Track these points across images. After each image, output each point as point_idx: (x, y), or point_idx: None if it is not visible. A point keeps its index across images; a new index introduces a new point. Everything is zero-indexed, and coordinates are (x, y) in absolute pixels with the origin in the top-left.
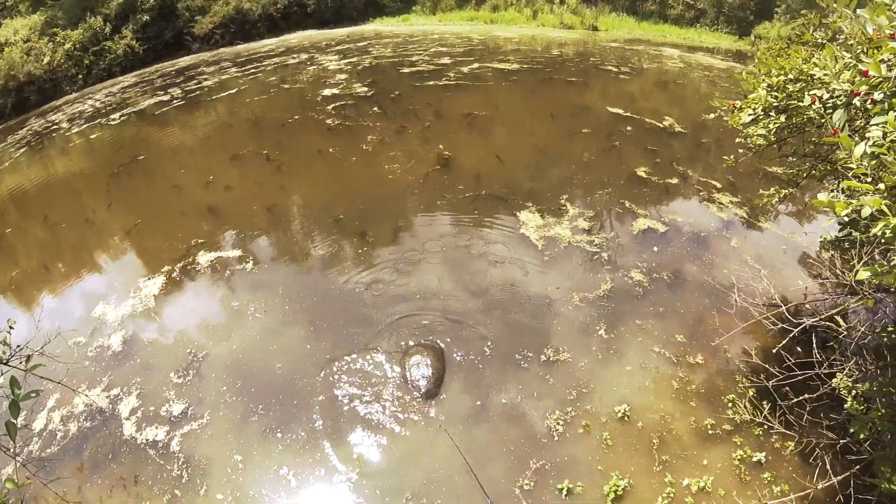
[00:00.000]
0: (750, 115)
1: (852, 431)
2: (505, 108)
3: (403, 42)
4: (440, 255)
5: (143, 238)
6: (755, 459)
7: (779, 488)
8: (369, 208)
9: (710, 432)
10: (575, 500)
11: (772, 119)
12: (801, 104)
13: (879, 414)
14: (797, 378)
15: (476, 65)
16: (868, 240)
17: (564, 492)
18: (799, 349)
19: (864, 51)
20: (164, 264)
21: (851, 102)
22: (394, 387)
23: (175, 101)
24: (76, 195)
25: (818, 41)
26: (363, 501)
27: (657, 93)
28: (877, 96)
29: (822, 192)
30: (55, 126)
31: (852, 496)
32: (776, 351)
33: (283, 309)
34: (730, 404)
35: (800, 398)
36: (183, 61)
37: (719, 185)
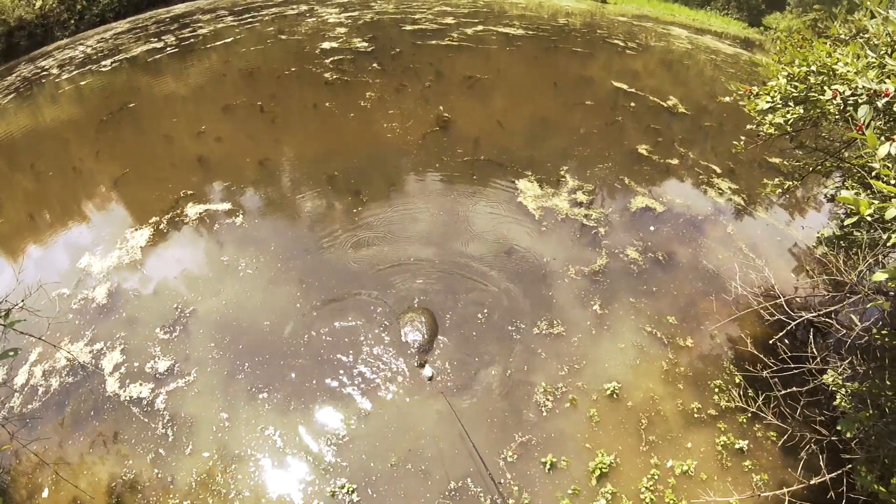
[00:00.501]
0: (768, 103)
1: (840, 429)
2: (507, 74)
3: None
4: (435, 220)
5: (131, 188)
6: (738, 447)
7: (758, 477)
8: (364, 166)
9: (696, 416)
10: (559, 475)
11: (790, 109)
12: (822, 97)
13: (867, 415)
14: (791, 371)
15: (480, 27)
16: (873, 241)
17: (548, 466)
18: (787, 342)
19: (889, 52)
20: (152, 215)
21: (873, 102)
22: (385, 349)
23: (168, 49)
24: (64, 143)
25: (841, 36)
26: (349, 464)
27: (662, 71)
28: None
29: (821, 187)
30: (45, 72)
31: (844, 494)
32: (772, 342)
33: (273, 266)
34: (717, 390)
35: (792, 390)
36: (178, 8)
37: (719, 171)
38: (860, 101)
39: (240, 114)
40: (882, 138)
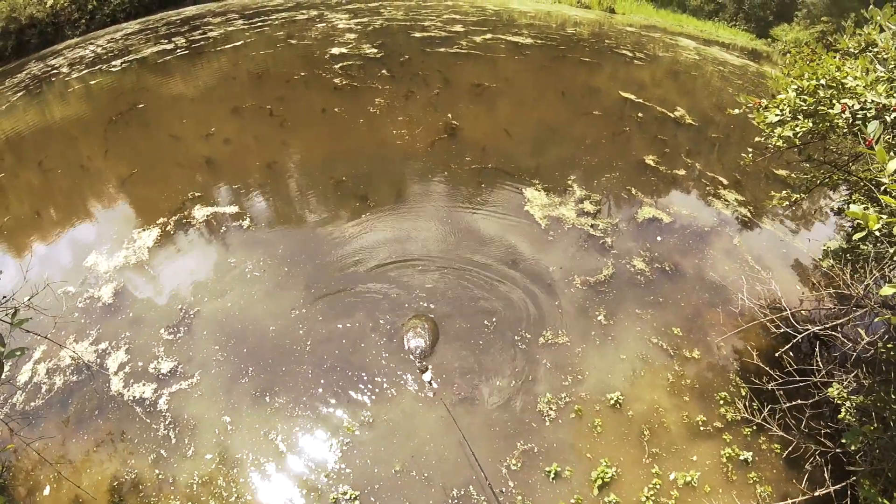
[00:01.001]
0: (777, 116)
1: (844, 442)
2: (515, 82)
3: (416, 6)
4: (442, 227)
5: (139, 188)
6: (742, 458)
7: (762, 489)
8: (372, 172)
9: (701, 428)
10: (561, 484)
11: (799, 122)
12: (831, 111)
13: (872, 428)
14: (797, 384)
15: (489, 35)
16: (880, 255)
17: (552, 475)
18: (793, 354)
19: None
20: (160, 216)
21: (882, 116)
22: (388, 356)
23: (178, 51)
24: (73, 142)
25: (850, 50)
26: (352, 470)
27: (670, 82)
28: None
29: (828, 200)
30: (55, 70)
31: None
32: (778, 354)
33: (279, 270)
34: (722, 402)
35: (797, 403)
36: (189, 10)
37: (726, 182)
38: (869, 116)
39: (248, 117)
40: (891, 153)
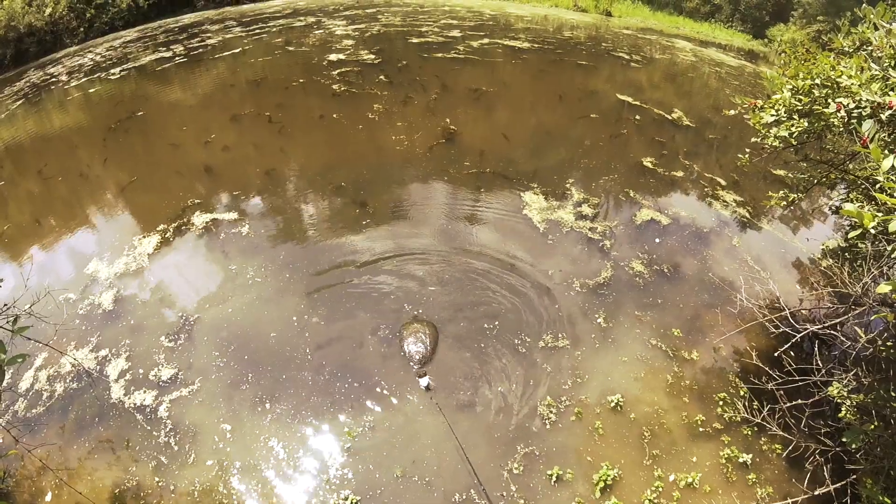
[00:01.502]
0: (773, 116)
1: (845, 441)
2: (513, 87)
3: (413, 11)
4: (441, 232)
5: (139, 195)
6: (742, 460)
7: (763, 490)
8: (371, 178)
9: (701, 429)
10: (563, 487)
11: (794, 122)
12: (826, 110)
13: (873, 426)
14: (796, 383)
15: (486, 40)
16: (877, 253)
17: (553, 478)
18: (792, 354)
19: (893, 65)
20: (159, 223)
21: (877, 115)
22: (389, 362)
23: (177, 59)
24: (72, 150)
25: (845, 49)
26: (353, 476)
27: (667, 84)
28: None
29: (826, 199)
30: (54, 79)
31: None
32: (777, 354)
33: (279, 276)
34: (721, 402)
35: (797, 402)
36: (187, 18)
37: (724, 183)
38: (864, 114)
39: (247, 124)
40: (886, 151)
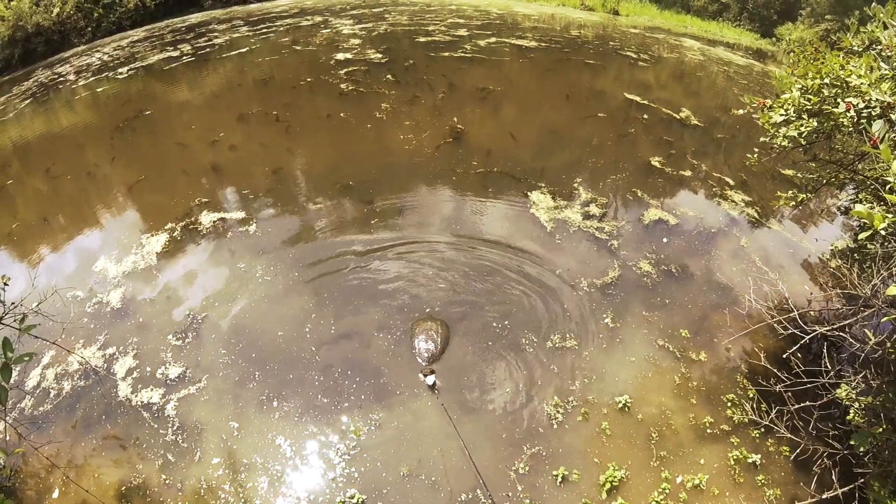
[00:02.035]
0: (782, 116)
1: (853, 443)
2: (520, 86)
3: (420, 10)
4: (448, 231)
5: (146, 194)
6: (750, 461)
7: (771, 492)
8: (379, 177)
9: (708, 431)
10: (570, 488)
11: (803, 122)
12: (836, 110)
13: (881, 430)
14: (805, 385)
15: (493, 39)
16: (887, 254)
17: (559, 478)
18: (801, 355)
19: None
20: (167, 222)
21: (887, 115)
22: (397, 360)
23: (184, 58)
24: (80, 149)
25: (854, 48)
26: (359, 475)
27: (675, 83)
28: None
29: (835, 199)
30: (62, 78)
31: None
32: (786, 356)
33: (286, 275)
34: (729, 404)
35: (805, 404)
36: (194, 18)
37: (732, 183)
38: (874, 114)
39: (254, 123)
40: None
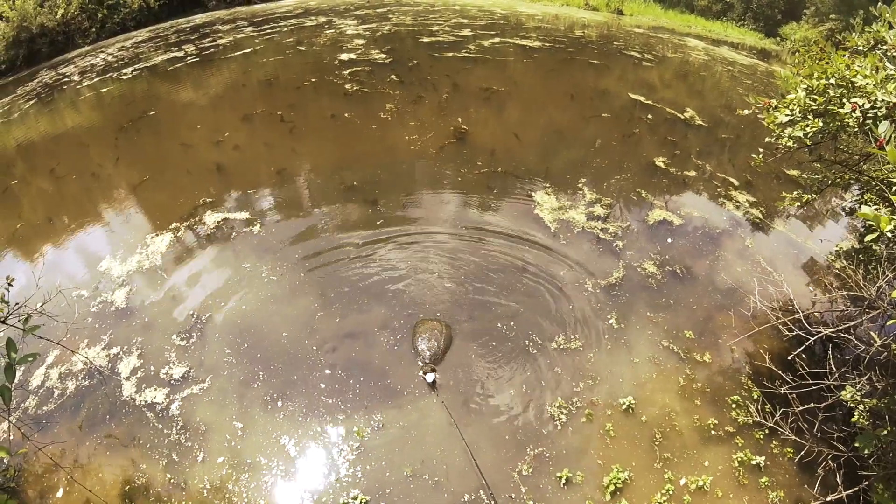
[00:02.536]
0: (787, 116)
1: (857, 446)
2: (524, 86)
3: (424, 11)
4: (453, 232)
5: (151, 194)
6: (754, 463)
7: (775, 494)
8: (383, 177)
9: (713, 432)
10: (573, 489)
11: (809, 122)
12: (841, 110)
13: (885, 432)
14: (809, 387)
15: (497, 39)
16: (892, 256)
17: (563, 480)
18: (805, 357)
19: None
20: (172, 222)
21: (893, 115)
22: (401, 361)
23: (189, 58)
24: (84, 149)
25: (859, 48)
26: (363, 475)
27: (679, 83)
28: None
29: (840, 200)
30: (66, 79)
31: None
32: (791, 358)
33: (292, 275)
34: (733, 405)
35: (810, 406)
36: (198, 18)
37: (737, 183)
38: (880, 115)
39: (259, 123)
40: None
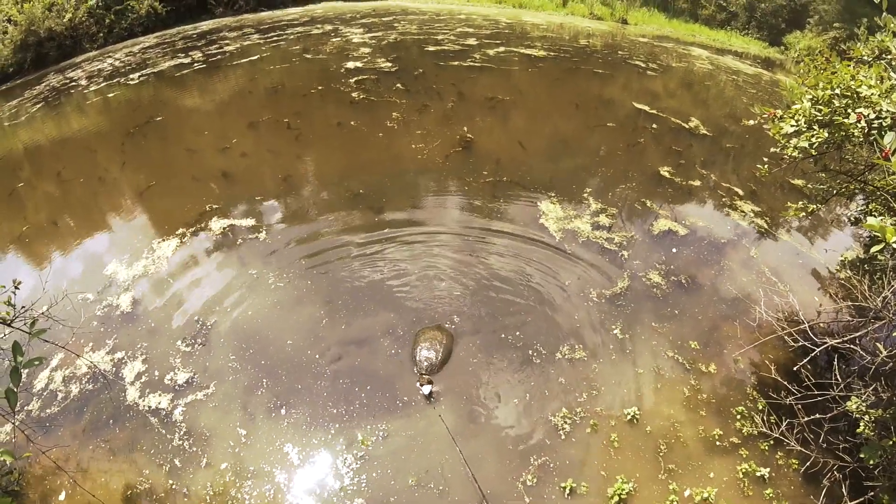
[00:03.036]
0: (793, 127)
1: (862, 456)
2: (529, 95)
3: (430, 20)
4: (458, 240)
5: (157, 200)
6: (759, 474)
7: None
8: (389, 185)
9: (718, 443)
10: (578, 500)
11: (815, 133)
12: (846, 121)
13: (891, 443)
14: (815, 398)
15: (502, 48)
16: None
17: (568, 490)
18: (811, 368)
19: None
20: (178, 227)
21: None
22: (406, 371)
23: (195, 65)
24: (91, 153)
25: (864, 58)
26: (367, 484)
27: (684, 92)
28: None
29: (845, 210)
30: (73, 83)
31: None
32: (796, 368)
33: (298, 283)
34: (738, 416)
35: (815, 417)
36: (205, 25)
37: (741, 193)
38: (885, 125)
39: (265, 130)
40: None
